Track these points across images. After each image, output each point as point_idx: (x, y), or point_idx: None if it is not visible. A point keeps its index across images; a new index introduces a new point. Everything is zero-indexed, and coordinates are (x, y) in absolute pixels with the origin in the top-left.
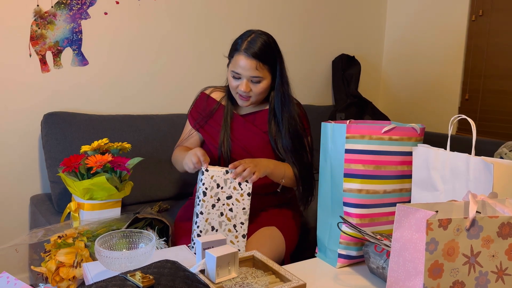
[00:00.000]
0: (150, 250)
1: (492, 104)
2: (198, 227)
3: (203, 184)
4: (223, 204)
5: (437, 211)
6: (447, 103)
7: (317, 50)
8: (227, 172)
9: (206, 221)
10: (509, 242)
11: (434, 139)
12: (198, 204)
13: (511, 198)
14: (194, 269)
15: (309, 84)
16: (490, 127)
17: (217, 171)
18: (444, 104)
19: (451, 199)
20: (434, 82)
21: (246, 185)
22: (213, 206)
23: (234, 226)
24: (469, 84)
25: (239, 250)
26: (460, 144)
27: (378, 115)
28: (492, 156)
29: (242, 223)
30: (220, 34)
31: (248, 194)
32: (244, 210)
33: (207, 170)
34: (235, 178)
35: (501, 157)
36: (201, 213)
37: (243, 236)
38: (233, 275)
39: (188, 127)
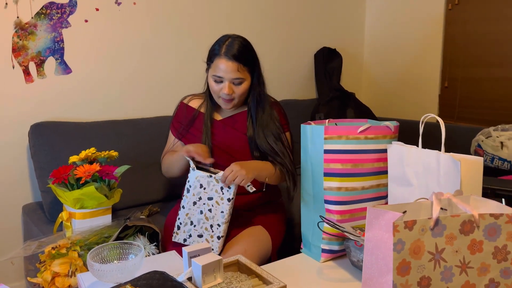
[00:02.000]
0: (140, 261)
1: (471, 91)
2: (179, 218)
3: (188, 181)
4: (204, 204)
5: (405, 211)
6: (428, 91)
7: (299, 44)
8: (210, 176)
9: (186, 215)
10: (471, 238)
11: (417, 128)
12: (182, 198)
13: (476, 194)
14: (182, 277)
15: (292, 78)
16: (470, 113)
17: (202, 173)
18: (425, 93)
19: (423, 196)
20: (415, 72)
21: (227, 190)
22: (194, 203)
23: (211, 226)
24: (448, 73)
25: (212, 249)
26: (441, 132)
27: (361, 107)
28: (470, 143)
29: (218, 225)
30: (201, 34)
31: (228, 200)
32: (222, 214)
33: (193, 169)
34: (223, 182)
35: (478, 144)
36: (183, 207)
37: (218, 237)
38: (218, 280)
39: (171, 137)
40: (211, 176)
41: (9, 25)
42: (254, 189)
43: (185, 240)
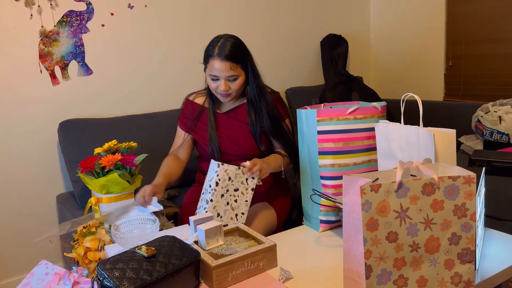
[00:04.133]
0: (155, 229)
1: (475, 68)
2: (206, 212)
3: (217, 175)
4: (230, 195)
5: (377, 179)
6: (433, 71)
7: (305, 32)
8: (238, 168)
9: (214, 208)
10: (433, 198)
11: (425, 108)
12: (210, 192)
13: (444, 162)
14: (189, 240)
15: (300, 66)
16: (475, 90)
17: (231, 166)
18: (431, 73)
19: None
20: (420, 53)
21: (252, 181)
22: (222, 195)
23: (236, 215)
24: (452, 51)
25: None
26: (448, 109)
27: (366, 91)
28: (471, 119)
29: (242, 213)
30: (208, 30)
31: (252, 189)
32: (246, 202)
33: (221, 164)
34: (246, 172)
35: (478, 120)
36: (211, 200)
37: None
38: (220, 242)
39: (180, 132)
40: (239, 168)
41: (35, 34)
42: (261, 183)
43: None
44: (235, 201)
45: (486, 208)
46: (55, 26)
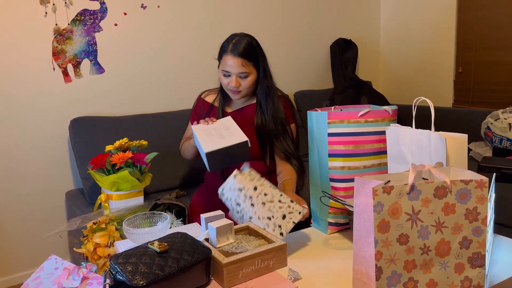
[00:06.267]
0: (166, 226)
1: (485, 75)
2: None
3: (228, 199)
4: (257, 197)
5: (389, 181)
6: (443, 77)
7: (315, 36)
8: (235, 176)
9: (258, 219)
10: (444, 201)
11: (435, 113)
12: (238, 212)
13: (455, 166)
14: (200, 238)
15: (309, 69)
16: (484, 97)
17: (227, 184)
18: (441, 79)
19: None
20: (430, 59)
21: (246, 169)
22: (252, 205)
23: (279, 201)
24: (462, 57)
25: (304, 206)
26: (457, 116)
27: (375, 95)
28: (480, 126)
29: (281, 195)
30: (220, 32)
31: (257, 173)
32: (272, 187)
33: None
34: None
35: (488, 127)
36: (250, 217)
37: (291, 201)
38: (230, 240)
39: (190, 127)
40: (235, 177)
41: (49, 32)
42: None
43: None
44: (265, 194)
45: (494, 214)
46: (69, 24)
